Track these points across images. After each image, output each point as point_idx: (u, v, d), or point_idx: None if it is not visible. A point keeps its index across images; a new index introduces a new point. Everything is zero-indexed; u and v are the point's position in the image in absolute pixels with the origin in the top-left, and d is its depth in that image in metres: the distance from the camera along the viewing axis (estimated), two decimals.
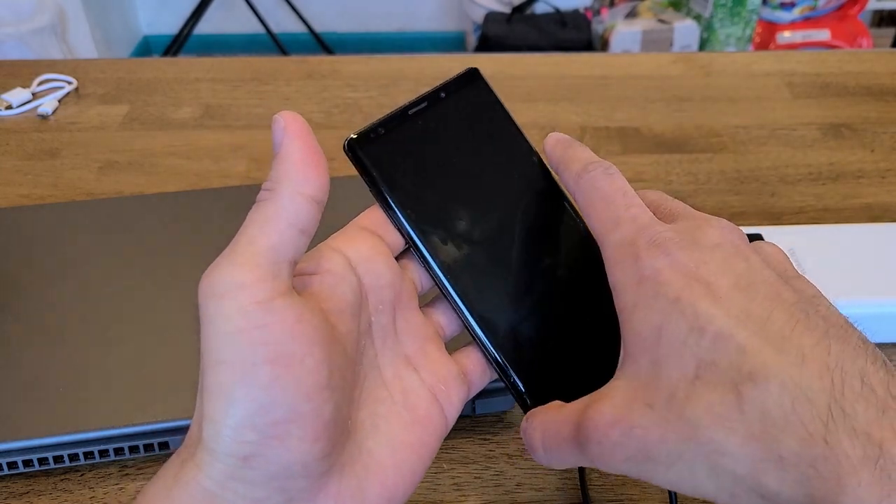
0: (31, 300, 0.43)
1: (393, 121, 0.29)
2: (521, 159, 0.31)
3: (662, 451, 0.23)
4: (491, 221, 0.30)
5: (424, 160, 0.29)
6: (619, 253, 0.26)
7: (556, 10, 2.02)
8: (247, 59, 0.75)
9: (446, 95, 0.30)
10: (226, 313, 0.22)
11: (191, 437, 0.24)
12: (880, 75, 0.70)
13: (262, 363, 0.21)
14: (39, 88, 0.69)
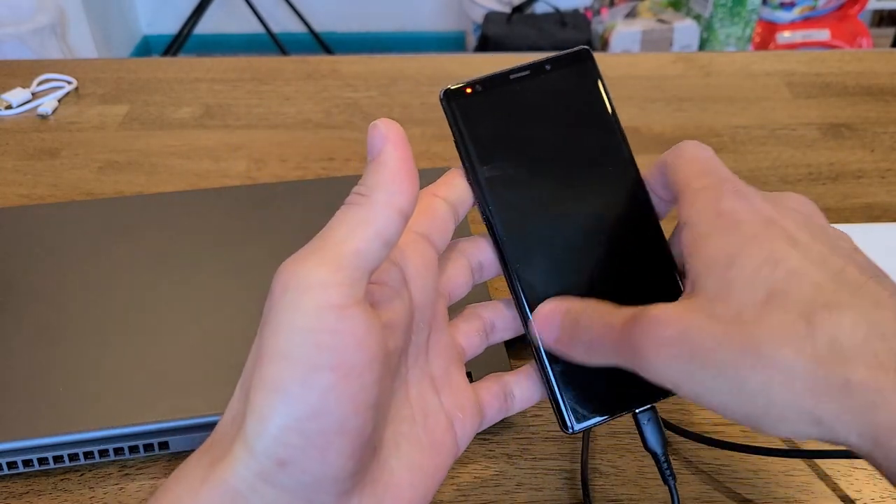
0: (31, 300, 0.43)
1: (492, 81, 0.29)
2: (607, 149, 0.30)
3: (716, 357, 0.23)
4: (564, 204, 0.29)
5: (512, 126, 0.29)
6: (700, 195, 0.26)
7: (556, 10, 2.02)
8: (247, 58, 0.75)
9: (551, 68, 0.30)
10: (303, 309, 0.21)
11: (222, 434, 0.23)
12: (880, 75, 0.70)
13: (326, 368, 0.21)
14: (39, 88, 0.69)
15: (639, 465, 0.37)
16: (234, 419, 0.23)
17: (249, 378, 0.22)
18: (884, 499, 0.36)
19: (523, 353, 0.43)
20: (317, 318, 0.21)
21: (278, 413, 0.21)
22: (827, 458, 0.37)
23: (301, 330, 0.21)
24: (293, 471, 0.21)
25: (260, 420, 0.21)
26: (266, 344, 0.21)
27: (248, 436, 0.21)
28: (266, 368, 0.21)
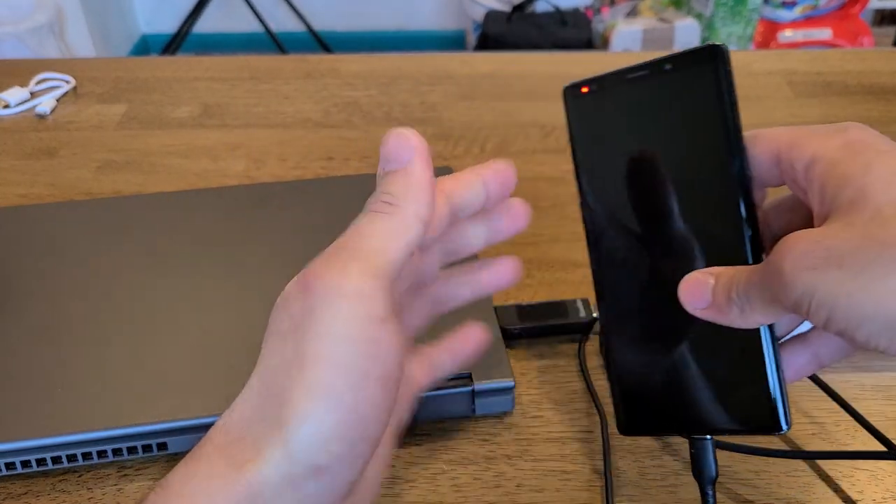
0: (29, 300, 0.42)
1: (609, 80, 0.30)
2: (720, 165, 0.28)
3: (856, 256, 0.23)
4: (658, 212, 0.29)
5: (623, 129, 0.29)
6: (821, 135, 0.26)
7: (557, 9, 2.02)
8: (245, 57, 0.74)
9: (672, 68, 0.28)
10: (343, 316, 0.21)
11: (240, 436, 0.22)
12: (882, 74, 0.70)
13: (375, 378, 0.21)
14: (37, 87, 0.68)
15: (639, 466, 0.37)
16: (251, 420, 0.22)
17: (280, 379, 0.22)
18: (885, 500, 0.36)
19: (517, 345, 0.43)
20: (358, 327, 0.21)
21: (328, 419, 0.21)
22: (829, 459, 0.37)
23: (347, 339, 0.21)
24: (326, 479, 0.21)
25: (305, 421, 0.21)
26: (310, 349, 0.21)
27: (288, 440, 0.21)
28: (314, 373, 0.21)
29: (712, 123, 0.28)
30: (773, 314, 0.26)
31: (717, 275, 0.28)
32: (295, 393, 0.21)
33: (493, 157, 0.59)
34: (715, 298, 0.28)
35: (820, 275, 0.24)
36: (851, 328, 0.24)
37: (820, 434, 0.39)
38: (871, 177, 0.24)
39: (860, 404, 0.39)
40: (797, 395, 0.41)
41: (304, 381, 0.21)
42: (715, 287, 0.28)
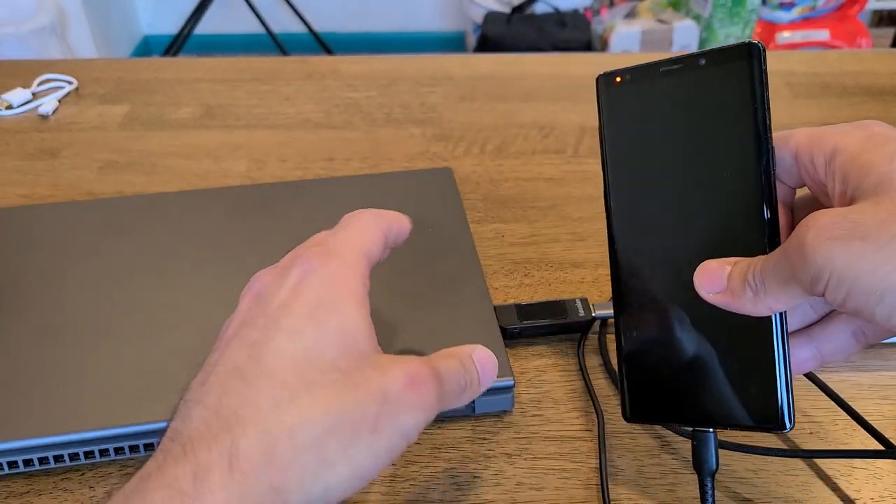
0: (31, 300, 0.43)
1: (643, 71, 0.30)
2: (742, 164, 0.28)
3: (881, 230, 0.23)
4: (680, 207, 0.29)
5: (653, 120, 0.30)
6: (842, 130, 0.27)
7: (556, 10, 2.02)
8: (247, 59, 0.75)
9: (706, 63, 0.29)
10: (416, 428, 0.26)
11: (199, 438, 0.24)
12: (880, 75, 0.70)
13: (388, 461, 0.25)
14: (40, 88, 0.69)
15: (639, 465, 0.37)
16: (209, 421, 0.24)
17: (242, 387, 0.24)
18: (883, 498, 0.36)
19: (517, 345, 0.43)
20: (410, 437, 0.26)
21: (355, 479, 0.24)
22: (826, 458, 0.37)
23: (406, 440, 0.26)
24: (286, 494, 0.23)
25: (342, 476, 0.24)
26: (386, 429, 0.25)
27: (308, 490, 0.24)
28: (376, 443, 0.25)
29: (744, 119, 0.28)
30: (787, 297, 0.26)
31: (735, 263, 0.28)
32: (362, 450, 0.25)
33: (493, 158, 0.60)
34: (730, 283, 0.28)
35: (842, 245, 0.23)
36: (872, 303, 0.23)
37: (818, 433, 0.39)
38: (895, 164, 0.25)
39: (858, 403, 0.39)
40: (796, 394, 0.41)
41: (370, 442, 0.25)
42: (731, 273, 0.28)
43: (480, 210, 0.54)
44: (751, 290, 0.27)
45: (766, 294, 0.26)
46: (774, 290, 0.26)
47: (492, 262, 0.49)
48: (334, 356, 0.25)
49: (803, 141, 0.28)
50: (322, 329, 0.25)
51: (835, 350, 0.29)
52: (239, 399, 0.24)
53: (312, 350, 0.25)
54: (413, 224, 0.48)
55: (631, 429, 0.39)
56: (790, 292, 0.26)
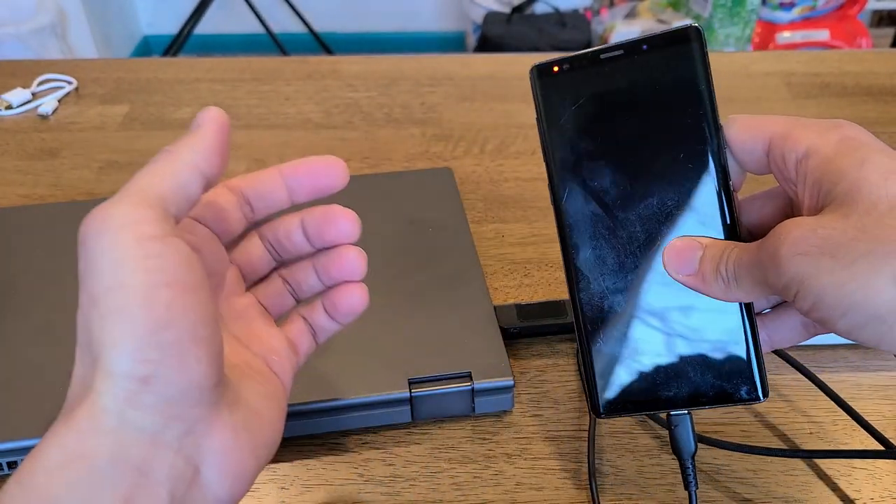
0: (31, 300, 0.43)
1: (582, 60, 0.29)
2: (695, 140, 0.28)
3: (849, 247, 0.24)
4: (633, 198, 0.29)
5: (595, 110, 0.29)
6: (812, 130, 0.27)
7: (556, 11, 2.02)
8: (247, 59, 0.75)
9: (648, 49, 0.28)
10: (123, 243, 0.23)
11: (74, 399, 0.24)
12: (880, 75, 0.70)
13: (162, 286, 0.22)
14: (39, 88, 0.69)
15: (639, 465, 0.37)
16: (85, 365, 0.24)
17: (86, 329, 0.23)
18: (883, 498, 0.36)
19: (516, 345, 0.43)
20: (140, 247, 0.22)
21: (130, 333, 0.22)
22: (826, 458, 0.37)
23: (127, 260, 0.22)
24: (158, 385, 0.22)
25: (114, 347, 0.22)
26: (92, 284, 0.23)
27: (107, 365, 0.22)
28: (104, 303, 0.22)
29: (694, 101, 0.28)
30: (757, 295, 0.27)
31: (707, 245, 0.29)
32: (96, 329, 0.23)
33: (493, 158, 0.60)
34: (701, 268, 0.28)
35: (813, 261, 0.24)
36: (835, 317, 0.24)
37: (818, 433, 0.39)
38: (865, 171, 0.25)
39: (858, 403, 0.39)
40: (796, 394, 0.41)
41: (101, 314, 0.22)
42: (703, 257, 0.28)
43: (480, 210, 0.54)
44: (722, 281, 0.28)
45: (738, 289, 0.27)
46: (746, 287, 0.27)
47: (492, 262, 0.49)
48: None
49: (778, 133, 0.28)
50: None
51: (784, 338, 0.30)
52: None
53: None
54: (413, 224, 0.48)
55: (631, 429, 0.39)
56: (761, 291, 0.27)
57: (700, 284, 0.28)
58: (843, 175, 0.25)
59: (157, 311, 0.22)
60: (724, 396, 0.29)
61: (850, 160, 0.25)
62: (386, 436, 0.39)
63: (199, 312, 0.23)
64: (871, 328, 0.24)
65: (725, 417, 0.40)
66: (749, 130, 0.28)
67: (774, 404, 0.40)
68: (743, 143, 0.29)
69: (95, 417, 0.23)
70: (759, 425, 0.39)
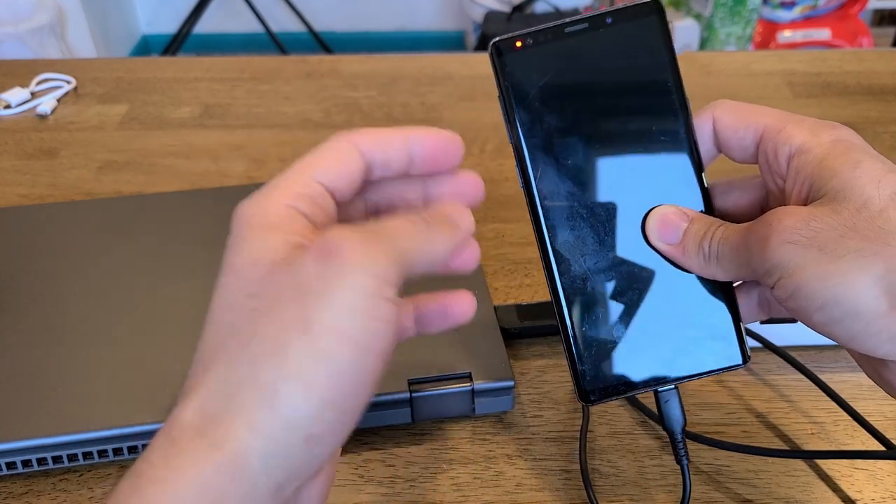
0: (30, 300, 0.43)
1: (546, 34, 0.28)
2: (663, 116, 0.29)
3: (838, 243, 0.24)
4: (607, 173, 0.29)
5: (561, 85, 0.28)
6: (805, 128, 0.27)
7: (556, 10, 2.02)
8: (246, 58, 0.75)
9: (612, 22, 0.28)
10: (359, 291, 0.21)
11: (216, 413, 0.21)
12: (881, 75, 0.70)
13: (375, 352, 0.22)
14: (38, 88, 0.69)
15: (639, 465, 0.37)
16: (229, 394, 0.21)
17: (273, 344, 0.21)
18: (884, 499, 0.36)
19: (517, 345, 0.43)
20: (374, 305, 0.21)
21: (328, 385, 0.21)
22: (827, 459, 0.37)
23: (360, 312, 0.21)
24: (315, 447, 0.21)
25: (308, 389, 0.21)
26: (319, 316, 0.21)
27: (284, 404, 0.21)
28: (320, 339, 0.21)
29: (659, 75, 0.28)
30: (733, 275, 0.28)
31: (692, 219, 0.29)
32: (294, 357, 0.21)
33: (493, 158, 0.59)
34: (684, 241, 0.28)
35: (800, 250, 0.24)
36: (812, 308, 0.25)
37: (819, 434, 0.39)
38: (860, 171, 0.25)
39: (859, 404, 0.39)
40: (797, 395, 0.41)
41: (308, 345, 0.21)
42: (688, 229, 0.28)
43: (480, 210, 0.54)
44: (703, 255, 0.28)
45: (717, 266, 0.28)
46: (726, 265, 0.27)
47: (492, 262, 0.49)
48: (245, 290, 0.22)
49: (772, 125, 0.27)
50: (227, 271, 0.23)
51: (744, 314, 0.30)
52: (185, 388, 0.23)
53: (225, 295, 0.23)
54: None
55: (632, 429, 0.39)
56: (740, 273, 0.27)
57: (679, 255, 0.29)
58: (836, 173, 0.25)
59: (358, 376, 0.21)
60: (710, 364, 0.29)
61: (844, 161, 0.26)
62: (386, 436, 0.39)
63: (374, 387, 0.22)
64: (846, 324, 0.24)
65: (726, 418, 0.40)
66: (741, 118, 0.28)
67: (775, 405, 0.40)
68: (734, 131, 0.28)
69: (239, 460, 0.21)
70: (760, 426, 0.39)
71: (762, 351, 0.42)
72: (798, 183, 0.27)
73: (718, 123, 0.29)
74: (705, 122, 0.29)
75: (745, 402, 0.40)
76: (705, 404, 0.40)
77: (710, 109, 0.29)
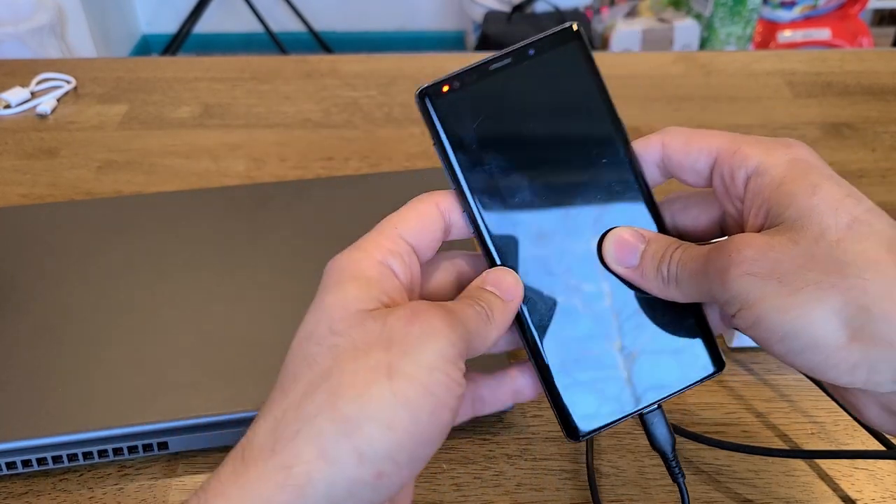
0: (30, 300, 0.43)
1: (471, 75, 0.28)
2: (603, 141, 0.28)
3: (796, 274, 0.24)
4: (556, 205, 0.28)
5: (496, 124, 0.28)
6: (760, 149, 0.27)
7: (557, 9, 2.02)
8: (246, 58, 0.75)
9: (535, 53, 0.28)
10: (439, 352, 0.24)
11: (291, 437, 0.23)
12: (881, 74, 0.70)
13: (449, 408, 0.24)
14: (38, 88, 0.69)
15: (639, 465, 0.37)
16: (306, 420, 0.23)
17: (355, 383, 0.23)
18: (885, 499, 0.36)
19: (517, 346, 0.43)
20: (449, 366, 0.24)
21: (405, 429, 0.23)
22: (828, 459, 0.37)
23: (439, 370, 0.24)
24: (382, 485, 0.23)
25: (387, 428, 0.22)
26: (403, 366, 0.23)
27: (363, 439, 0.22)
28: (403, 386, 0.23)
29: (589, 99, 0.28)
30: (694, 298, 0.27)
31: (649, 240, 0.28)
32: (378, 398, 0.23)
33: None
34: (642, 264, 0.28)
35: (760, 283, 0.24)
36: (773, 340, 0.25)
37: (819, 433, 0.39)
38: (817, 198, 0.25)
39: None
40: (797, 394, 0.41)
41: (392, 390, 0.23)
42: (644, 252, 0.28)
43: None
44: (662, 280, 0.28)
45: (677, 289, 0.28)
46: (685, 290, 0.27)
47: None
48: (329, 326, 0.24)
49: (725, 148, 0.27)
50: (316, 308, 0.25)
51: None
52: (262, 408, 0.25)
53: (310, 327, 0.25)
54: None
55: (632, 429, 0.39)
56: (700, 297, 0.27)
57: (639, 279, 0.28)
58: (794, 199, 0.25)
59: (431, 427, 0.23)
60: (690, 377, 0.29)
61: (801, 185, 0.25)
62: None
63: (441, 438, 0.24)
64: (807, 356, 0.24)
65: (726, 418, 0.40)
66: (691, 142, 0.28)
67: (776, 404, 0.40)
68: (685, 155, 0.28)
69: (308, 489, 0.22)
70: (760, 426, 0.39)
71: (762, 351, 0.42)
72: (755, 206, 0.26)
73: (668, 149, 0.28)
74: (654, 148, 0.29)
75: (745, 402, 0.40)
76: (705, 404, 0.40)
77: (661, 135, 0.29)
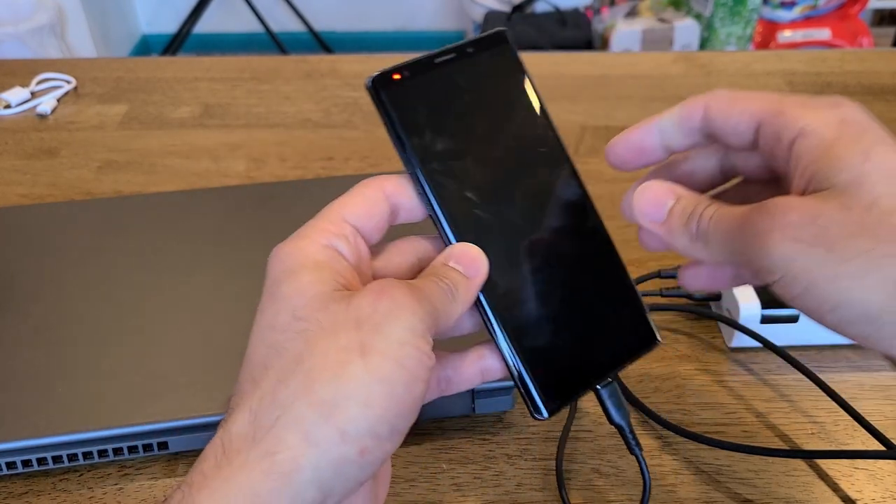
0: (30, 300, 0.43)
1: (418, 66, 0.29)
2: (535, 132, 0.30)
3: (847, 244, 0.23)
4: (501, 186, 0.29)
5: (443, 111, 0.29)
6: (811, 109, 0.26)
7: (556, 9, 2.02)
8: (246, 58, 0.75)
9: (474, 51, 0.30)
10: (410, 328, 0.24)
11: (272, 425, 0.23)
12: (881, 74, 0.70)
13: (422, 380, 0.24)
14: (38, 88, 0.69)
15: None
16: (285, 406, 0.23)
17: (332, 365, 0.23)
18: (885, 499, 0.36)
19: None
20: (421, 342, 0.24)
21: (383, 404, 0.23)
22: (828, 459, 0.37)
23: (409, 345, 0.24)
24: (366, 460, 0.23)
25: (366, 406, 0.23)
26: (377, 344, 0.23)
27: (344, 419, 0.23)
28: (378, 363, 0.23)
29: (521, 91, 0.30)
30: (722, 259, 0.26)
31: (679, 196, 0.28)
32: (354, 377, 0.23)
33: None
34: (669, 219, 0.28)
35: (806, 249, 0.23)
36: (824, 309, 0.24)
37: (819, 433, 0.39)
38: (870, 165, 0.24)
39: (859, 404, 0.39)
40: (797, 394, 0.41)
41: (367, 367, 0.23)
42: (673, 208, 0.28)
43: None
44: (690, 235, 0.27)
45: (705, 248, 0.27)
46: (715, 248, 0.26)
47: None
48: (292, 313, 0.24)
49: (769, 110, 0.27)
50: (272, 299, 0.25)
51: (713, 285, 0.31)
52: (233, 402, 0.25)
53: (269, 319, 0.25)
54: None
55: None
56: (729, 258, 0.26)
57: (666, 234, 0.28)
58: (844, 163, 0.24)
59: (409, 399, 0.24)
60: (634, 350, 0.30)
61: (852, 149, 0.24)
62: None
63: (416, 411, 0.25)
64: (860, 326, 0.24)
65: (726, 418, 0.40)
66: (736, 105, 0.27)
67: (776, 404, 0.40)
68: (726, 117, 0.28)
69: (294, 473, 0.22)
70: (760, 425, 0.39)
71: (762, 351, 0.42)
72: (804, 170, 0.25)
73: (710, 111, 0.28)
74: (696, 110, 0.29)
75: (745, 402, 0.40)
76: (705, 404, 0.40)
77: (705, 98, 0.29)
